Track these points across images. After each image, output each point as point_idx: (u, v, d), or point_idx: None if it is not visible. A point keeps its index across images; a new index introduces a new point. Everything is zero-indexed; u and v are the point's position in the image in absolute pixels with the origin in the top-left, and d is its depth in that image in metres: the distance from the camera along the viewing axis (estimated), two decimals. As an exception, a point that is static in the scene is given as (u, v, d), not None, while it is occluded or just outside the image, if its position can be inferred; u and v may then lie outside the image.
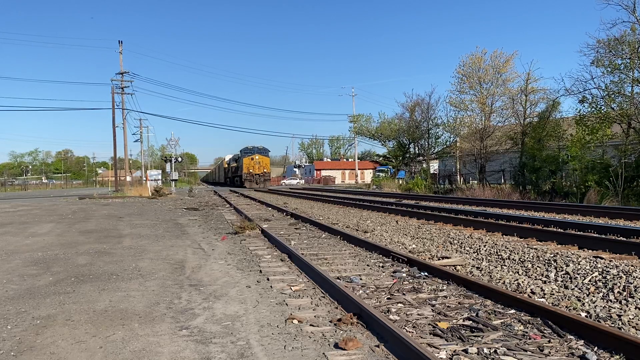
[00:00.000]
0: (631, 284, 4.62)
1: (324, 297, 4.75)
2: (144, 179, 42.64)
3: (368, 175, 71.45)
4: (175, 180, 36.32)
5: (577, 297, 4.51)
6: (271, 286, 5.25)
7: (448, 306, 4.30)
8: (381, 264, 6.31)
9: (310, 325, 3.88)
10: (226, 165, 65.29)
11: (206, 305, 4.56)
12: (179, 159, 37.94)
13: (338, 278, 5.46)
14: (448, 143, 38.68)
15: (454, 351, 3.23)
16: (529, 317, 3.88)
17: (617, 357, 3.06)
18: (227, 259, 7.10)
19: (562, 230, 7.88)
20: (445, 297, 4.62)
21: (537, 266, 5.75)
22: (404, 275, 5.63)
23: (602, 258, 5.78)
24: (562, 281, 5.10)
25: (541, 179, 21.84)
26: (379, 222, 11.16)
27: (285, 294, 4.90)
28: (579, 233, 7.55)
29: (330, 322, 3.93)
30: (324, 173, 78.39)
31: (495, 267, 5.98)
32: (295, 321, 3.96)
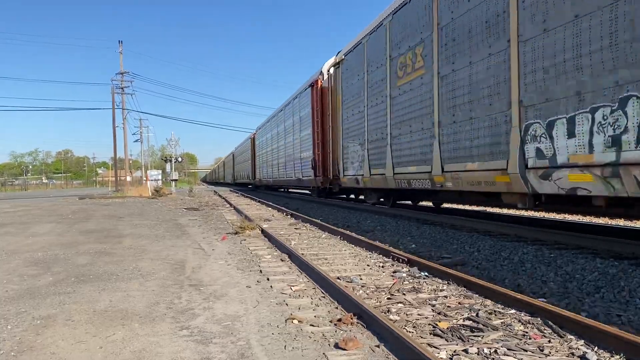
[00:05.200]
0: (631, 283, 4.62)
1: (324, 297, 4.74)
2: (144, 179, 42.62)
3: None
4: (176, 180, 36.32)
5: (577, 296, 4.50)
6: (271, 286, 5.25)
7: (448, 306, 4.30)
8: (381, 264, 6.31)
9: (311, 325, 3.88)
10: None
11: (206, 306, 4.56)
12: (179, 159, 37.92)
13: (338, 278, 5.46)
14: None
15: (454, 351, 3.23)
16: (529, 317, 3.88)
17: (618, 357, 3.06)
18: (227, 259, 7.10)
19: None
20: (446, 297, 4.62)
21: (537, 266, 5.75)
22: (404, 275, 5.63)
23: (601, 257, 5.77)
24: (562, 281, 5.10)
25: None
26: (379, 222, 11.16)
27: (286, 294, 4.90)
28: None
29: (331, 322, 3.93)
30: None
31: (495, 266, 5.97)
32: (295, 321, 3.96)
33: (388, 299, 4.61)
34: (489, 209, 13.17)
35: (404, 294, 4.74)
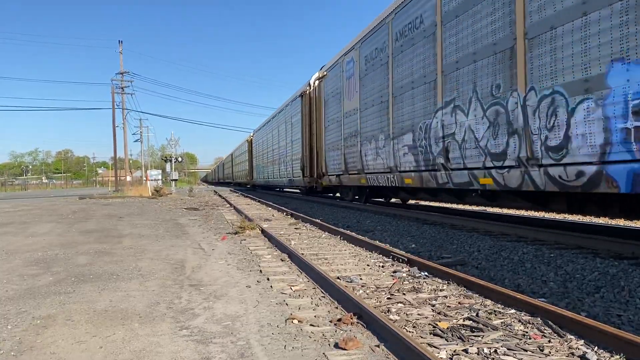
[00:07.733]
0: (631, 283, 4.62)
1: (324, 297, 4.74)
2: (144, 179, 42.63)
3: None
4: (176, 180, 36.32)
5: (577, 296, 4.51)
6: (271, 286, 5.25)
7: (448, 306, 4.30)
8: (381, 264, 6.30)
9: (311, 325, 3.88)
10: None
11: (206, 305, 4.56)
12: (179, 159, 37.91)
13: (338, 278, 5.46)
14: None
15: (454, 351, 3.23)
16: (529, 317, 3.88)
17: (617, 357, 3.06)
18: (227, 258, 7.10)
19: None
20: (446, 297, 4.62)
21: (537, 266, 5.75)
22: (404, 275, 5.63)
23: (601, 257, 5.78)
24: (562, 280, 5.10)
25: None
26: (380, 222, 11.16)
27: (286, 294, 4.90)
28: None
29: (331, 322, 3.93)
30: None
31: (495, 266, 5.97)
32: (295, 321, 3.96)
33: (388, 298, 4.61)
34: (489, 209, 13.17)
35: (404, 294, 4.74)
